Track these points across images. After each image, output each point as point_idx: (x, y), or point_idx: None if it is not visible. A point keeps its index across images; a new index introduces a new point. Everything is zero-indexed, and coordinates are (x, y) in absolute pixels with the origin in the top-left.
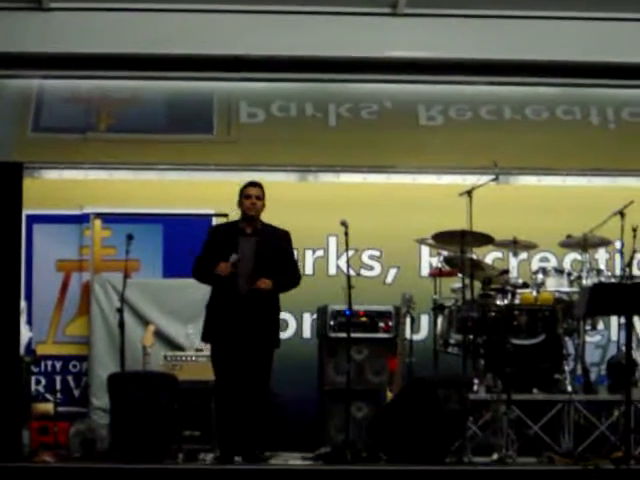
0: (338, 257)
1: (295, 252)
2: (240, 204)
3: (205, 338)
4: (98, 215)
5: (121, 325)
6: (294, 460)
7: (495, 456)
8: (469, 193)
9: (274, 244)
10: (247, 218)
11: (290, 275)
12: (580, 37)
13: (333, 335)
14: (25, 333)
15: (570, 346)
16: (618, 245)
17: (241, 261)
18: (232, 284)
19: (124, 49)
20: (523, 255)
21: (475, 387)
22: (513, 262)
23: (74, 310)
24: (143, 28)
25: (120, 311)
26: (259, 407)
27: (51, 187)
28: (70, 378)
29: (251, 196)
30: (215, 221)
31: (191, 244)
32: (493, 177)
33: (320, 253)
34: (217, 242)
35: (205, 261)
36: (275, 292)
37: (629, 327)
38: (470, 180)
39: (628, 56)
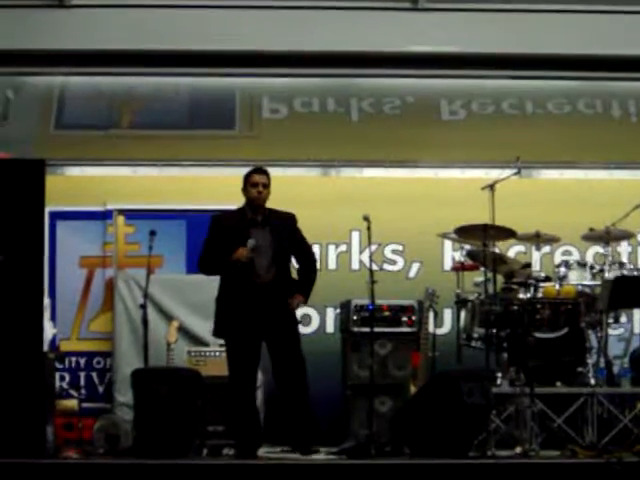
0: (361, 252)
1: (310, 241)
2: (245, 192)
3: (218, 333)
4: (121, 211)
5: (145, 321)
6: (318, 455)
7: (518, 449)
8: (492, 187)
9: (286, 231)
10: (254, 207)
11: (310, 269)
12: (602, 30)
13: (356, 330)
14: (49, 330)
15: (593, 339)
16: None
17: (259, 249)
18: (249, 275)
19: (146, 45)
20: (546, 249)
21: (498, 381)
22: (536, 256)
23: (98, 306)
24: (165, 25)
25: (144, 307)
26: (303, 394)
27: (74, 184)
28: (94, 374)
29: (258, 184)
30: None
31: None
32: (515, 171)
33: (343, 248)
34: (225, 232)
35: (214, 251)
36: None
37: None
38: (492, 174)
39: None
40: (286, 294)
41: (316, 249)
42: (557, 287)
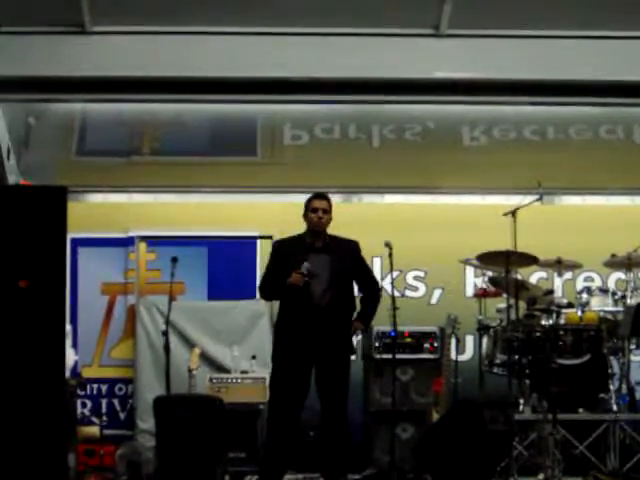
0: (383, 278)
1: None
2: (306, 217)
3: (276, 357)
4: (143, 238)
5: (166, 348)
6: None
7: (541, 476)
8: (513, 213)
9: (346, 258)
10: (314, 233)
11: (372, 297)
12: (623, 56)
13: (378, 356)
14: (71, 356)
15: (615, 365)
16: None
17: (314, 274)
18: (305, 299)
19: (167, 72)
20: (567, 275)
21: (521, 407)
22: (558, 282)
23: (119, 333)
24: (186, 51)
25: (165, 334)
26: (343, 424)
27: (96, 210)
28: (116, 401)
29: (318, 209)
30: (259, 243)
31: (236, 266)
32: (537, 197)
33: None
34: (284, 257)
35: (273, 276)
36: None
37: None
38: (514, 200)
39: None
40: (342, 320)
41: None
42: (579, 313)
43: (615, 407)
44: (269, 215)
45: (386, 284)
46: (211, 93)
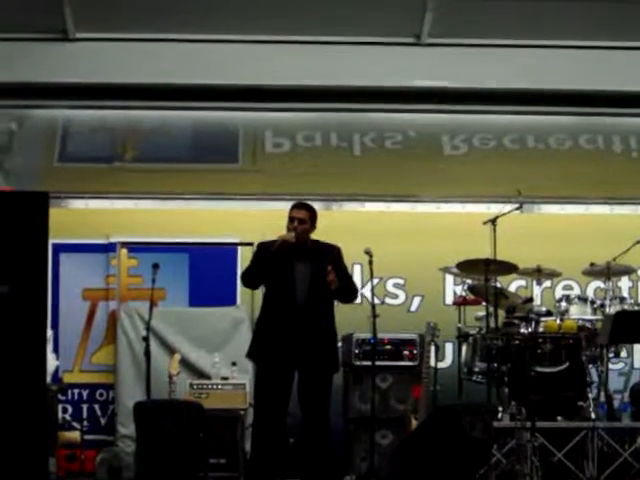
0: (363, 285)
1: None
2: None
3: (252, 354)
4: (124, 244)
5: (147, 354)
6: None
7: None
8: (493, 222)
9: (327, 263)
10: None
11: (351, 285)
12: (604, 66)
13: (358, 363)
14: (52, 362)
15: (593, 374)
16: None
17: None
18: (289, 302)
19: (150, 79)
20: (547, 283)
21: (499, 415)
22: (537, 290)
23: (100, 339)
24: (170, 58)
25: (146, 340)
26: (324, 431)
27: (78, 216)
28: (97, 406)
29: (294, 219)
30: (240, 250)
31: (217, 273)
32: (517, 206)
33: None
34: (267, 258)
35: (257, 265)
36: (338, 291)
37: None
38: (494, 209)
39: None
40: (325, 326)
41: None
42: (558, 322)
43: (593, 415)
44: (250, 222)
45: (366, 291)
46: (193, 100)
